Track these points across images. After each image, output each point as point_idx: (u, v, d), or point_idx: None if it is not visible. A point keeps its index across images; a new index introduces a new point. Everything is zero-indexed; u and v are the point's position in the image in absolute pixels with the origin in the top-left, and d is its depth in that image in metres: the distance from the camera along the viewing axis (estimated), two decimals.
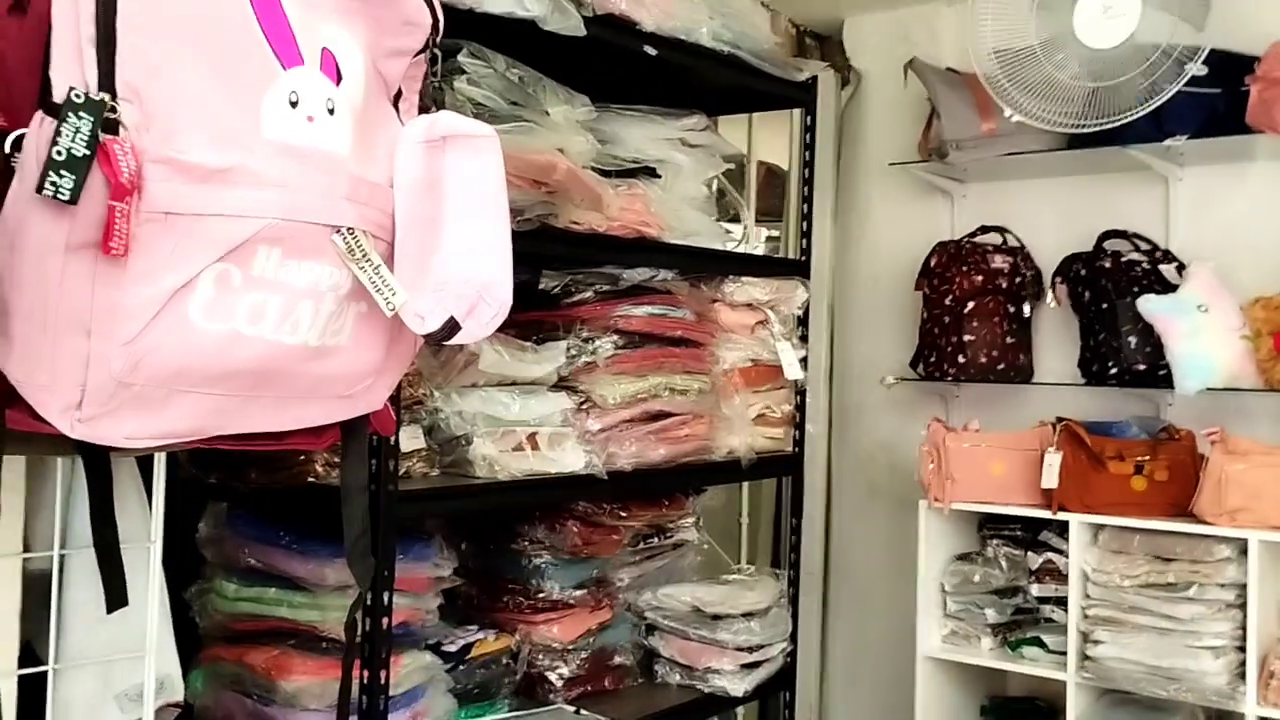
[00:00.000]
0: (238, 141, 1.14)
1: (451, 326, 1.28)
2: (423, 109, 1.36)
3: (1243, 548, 2.81)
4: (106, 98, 1.06)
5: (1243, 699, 2.79)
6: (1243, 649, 2.82)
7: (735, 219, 4.08)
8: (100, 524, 1.25)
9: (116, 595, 1.28)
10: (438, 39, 1.33)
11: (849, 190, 4.01)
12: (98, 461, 1.24)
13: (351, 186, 1.22)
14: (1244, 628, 2.81)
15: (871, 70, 3.94)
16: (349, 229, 1.21)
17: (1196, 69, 2.87)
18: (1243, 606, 2.81)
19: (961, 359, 3.41)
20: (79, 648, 1.46)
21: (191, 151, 1.10)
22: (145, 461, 1.53)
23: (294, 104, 1.18)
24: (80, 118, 1.04)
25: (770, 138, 4.17)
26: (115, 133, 1.06)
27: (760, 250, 4.19)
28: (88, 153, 1.04)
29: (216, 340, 1.14)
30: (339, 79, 1.23)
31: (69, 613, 1.46)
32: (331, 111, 1.21)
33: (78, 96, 1.04)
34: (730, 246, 3.61)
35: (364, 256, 1.22)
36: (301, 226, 1.17)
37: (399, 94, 1.34)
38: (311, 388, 1.25)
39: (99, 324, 1.08)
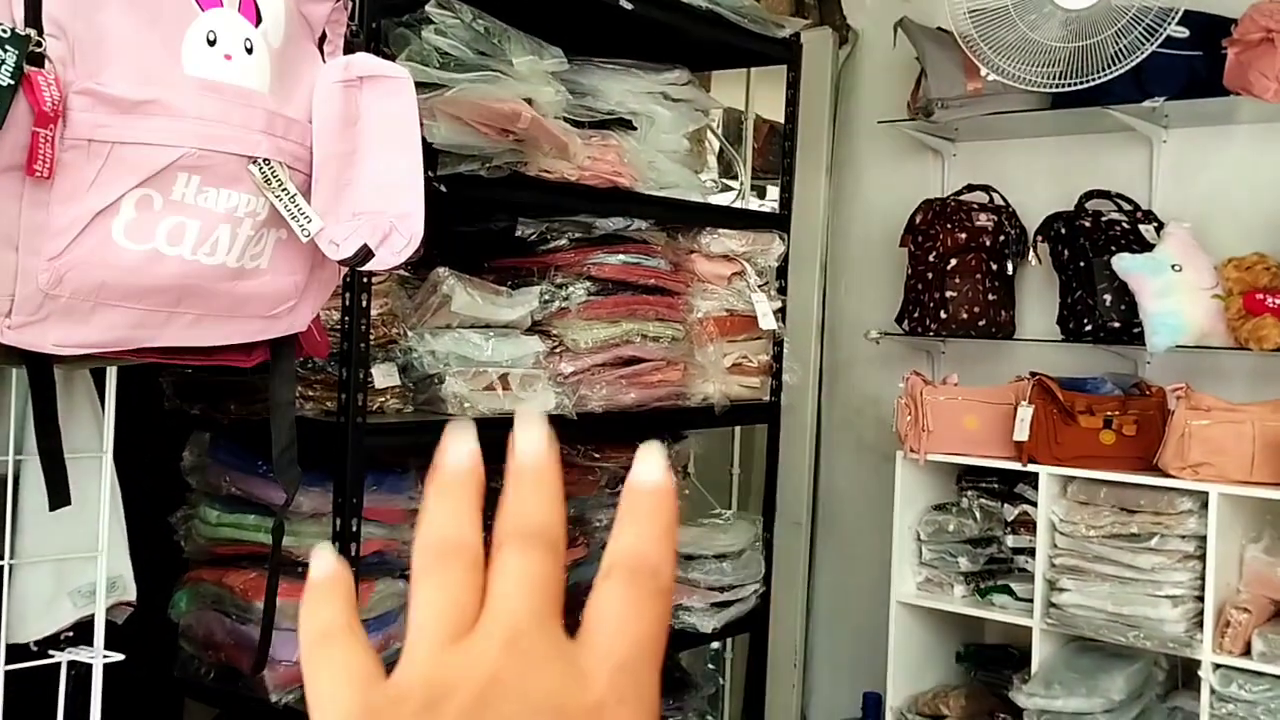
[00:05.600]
0: (158, 76, 1.24)
1: (365, 253, 1.38)
2: (347, 50, 1.46)
3: (1204, 501, 2.88)
4: (33, 33, 1.17)
5: (1199, 646, 2.87)
6: (1201, 599, 2.89)
7: (736, 175, 4.14)
8: (43, 427, 1.36)
9: (59, 494, 1.40)
10: None
11: (844, 148, 4.06)
12: (41, 370, 1.35)
13: (268, 121, 1.32)
14: (1203, 578, 2.88)
15: (868, 29, 3.98)
16: (265, 160, 1.31)
17: (1174, 30, 2.91)
18: (1202, 558, 2.88)
19: (944, 315, 3.46)
20: (35, 547, 1.58)
21: (114, 84, 1.21)
22: (101, 379, 1.64)
23: (212, 43, 1.28)
24: (6, 51, 1.15)
25: (776, 96, 4.21)
26: (40, 65, 1.17)
27: (766, 208, 4.24)
28: (12, 83, 1.15)
29: (138, 258, 1.25)
30: (258, 20, 1.33)
31: (25, 514, 1.58)
32: (250, 50, 1.32)
33: (4, 31, 1.15)
34: (727, 201, 3.68)
35: (280, 186, 1.32)
36: (219, 156, 1.28)
37: (324, 37, 1.44)
38: (233, 306, 1.36)
39: (26, 240, 1.19)
